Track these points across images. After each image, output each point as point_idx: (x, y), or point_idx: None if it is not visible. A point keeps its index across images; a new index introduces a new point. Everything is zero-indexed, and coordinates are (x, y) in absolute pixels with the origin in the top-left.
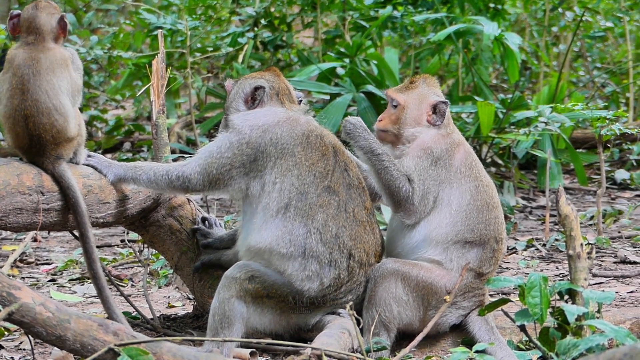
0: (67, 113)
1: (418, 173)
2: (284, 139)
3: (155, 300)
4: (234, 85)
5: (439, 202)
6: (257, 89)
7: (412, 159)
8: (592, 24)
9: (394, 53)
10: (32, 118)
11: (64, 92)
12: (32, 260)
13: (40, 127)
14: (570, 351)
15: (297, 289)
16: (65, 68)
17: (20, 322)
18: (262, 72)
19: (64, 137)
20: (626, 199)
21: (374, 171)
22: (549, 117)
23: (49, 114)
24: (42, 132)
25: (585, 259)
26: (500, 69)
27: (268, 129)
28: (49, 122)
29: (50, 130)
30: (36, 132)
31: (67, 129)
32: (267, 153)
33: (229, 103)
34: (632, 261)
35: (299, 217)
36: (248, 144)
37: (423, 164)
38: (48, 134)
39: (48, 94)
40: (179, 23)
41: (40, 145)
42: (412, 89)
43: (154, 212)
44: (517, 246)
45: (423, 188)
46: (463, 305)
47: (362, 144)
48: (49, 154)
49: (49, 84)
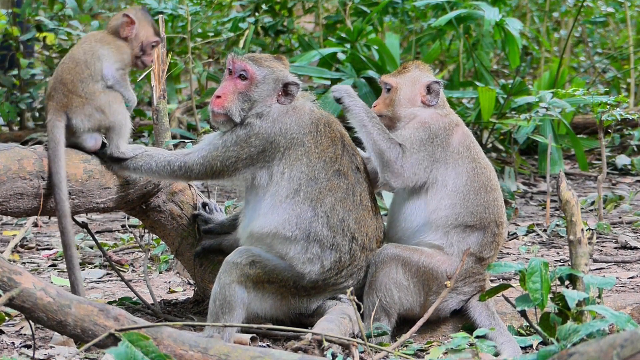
0: (95, 73)
1: (411, 142)
2: (292, 128)
3: (156, 285)
4: (260, 71)
5: (433, 181)
6: (290, 84)
7: (409, 130)
8: (593, 9)
9: (395, 38)
10: (64, 62)
11: (102, 59)
12: (33, 245)
13: (65, 70)
14: (570, 336)
15: (298, 272)
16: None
17: (21, 308)
18: (278, 62)
19: (81, 89)
20: (627, 184)
21: (366, 133)
22: (550, 102)
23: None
24: (64, 73)
25: (586, 245)
26: (501, 54)
27: (277, 119)
28: (74, 67)
29: (72, 75)
30: (59, 75)
31: (89, 84)
32: (276, 143)
33: (255, 91)
34: (632, 246)
35: (308, 201)
36: (257, 135)
37: (420, 136)
38: (68, 77)
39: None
40: (180, 8)
41: (56, 89)
42: (405, 72)
43: (155, 198)
44: (518, 232)
45: (416, 157)
46: (464, 290)
47: (355, 110)
48: (60, 100)
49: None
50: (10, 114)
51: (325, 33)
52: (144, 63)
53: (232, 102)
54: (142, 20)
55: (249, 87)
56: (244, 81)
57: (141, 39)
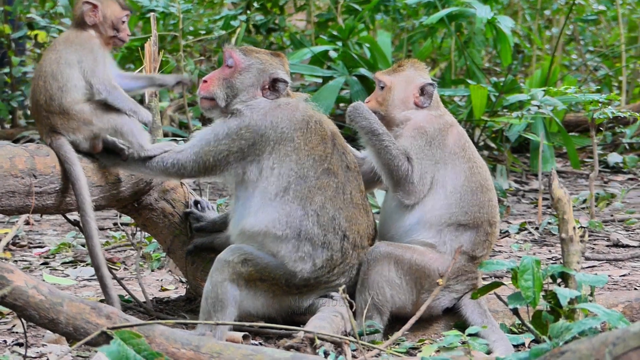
0: (65, 82)
1: (415, 152)
2: (283, 122)
3: (148, 283)
4: (245, 60)
5: (434, 183)
6: (279, 80)
7: (407, 139)
8: (584, 7)
9: (386, 36)
10: (34, 81)
11: (70, 64)
12: (25, 243)
13: (36, 90)
14: (562, 334)
15: (290, 270)
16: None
17: (12, 305)
18: (273, 57)
19: (56, 106)
20: (619, 182)
21: (374, 151)
22: (542, 100)
23: (44, 78)
24: (37, 94)
25: (577, 242)
26: (493, 52)
27: (268, 112)
28: (43, 85)
29: (42, 94)
30: (34, 97)
31: (62, 98)
32: (266, 136)
33: (238, 78)
34: (624, 244)
35: (297, 200)
36: (248, 127)
37: (418, 144)
38: (41, 98)
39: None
40: (172, 6)
41: (37, 112)
42: (400, 71)
43: (147, 195)
44: (510, 229)
45: (421, 167)
46: (456, 288)
47: (363, 124)
48: (44, 122)
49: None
50: (2, 111)
51: (317, 31)
52: (121, 40)
53: (216, 86)
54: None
55: (232, 74)
56: (230, 69)
57: (110, 19)
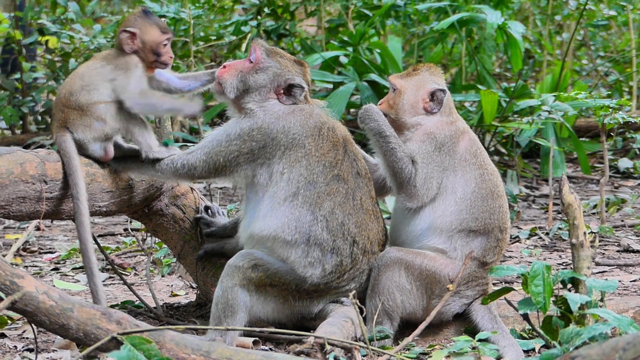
0: (89, 83)
1: (421, 156)
2: (295, 128)
3: (159, 289)
4: (266, 60)
5: (443, 189)
6: (294, 86)
7: (416, 143)
8: (595, 13)
9: (397, 42)
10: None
11: (103, 76)
12: (35, 249)
13: (61, 88)
14: (573, 340)
15: (299, 276)
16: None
17: (23, 311)
18: (294, 64)
19: (74, 101)
20: (629, 187)
21: (381, 152)
22: (552, 105)
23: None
24: (60, 90)
25: (588, 248)
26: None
27: (281, 117)
28: (69, 82)
29: (65, 88)
30: (57, 93)
31: (81, 95)
32: (277, 141)
33: (253, 75)
34: (635, 250)
35: (307, 205)
36: (260, 129)
37: (426, 149)
38: (62, 92)
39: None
40: (182, 12)
41: (55, 106)
42: (413, 75)
43: (157, 201)
44: (520, 235)
45: (426, 172)
46: (466, 294)
47: (372, 126)
48: (57, 117)
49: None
50: (13, 117)
51: (328, 36)
52: (164, 63)
53: (231, 76)
54: (143, 25)
55: (249, 70)
56: (250, 64)
57: (149, 45)
